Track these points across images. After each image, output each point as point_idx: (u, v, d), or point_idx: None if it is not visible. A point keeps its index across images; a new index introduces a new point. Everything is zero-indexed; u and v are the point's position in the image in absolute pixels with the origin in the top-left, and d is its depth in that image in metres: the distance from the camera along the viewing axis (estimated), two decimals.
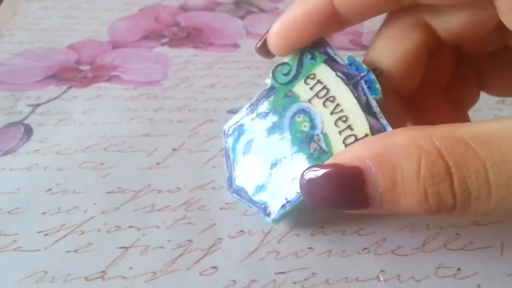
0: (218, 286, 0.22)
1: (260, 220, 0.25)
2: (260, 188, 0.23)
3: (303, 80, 0.22)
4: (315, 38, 0.22)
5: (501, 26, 0.20)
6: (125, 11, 0.45)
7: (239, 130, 0.24)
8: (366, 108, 0.21)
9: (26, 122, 0.31)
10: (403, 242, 0.24)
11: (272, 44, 0.22)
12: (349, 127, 0.21)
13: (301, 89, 0.22)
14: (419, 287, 0.22)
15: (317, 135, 0.21)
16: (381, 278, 0.22)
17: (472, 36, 0.21)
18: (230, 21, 0.44)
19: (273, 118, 0.23)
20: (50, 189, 0.26)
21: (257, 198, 0.23)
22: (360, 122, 0.21)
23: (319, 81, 0.22)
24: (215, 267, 0.23)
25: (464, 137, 0.16)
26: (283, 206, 0.22)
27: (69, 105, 0.33)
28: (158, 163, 0.28)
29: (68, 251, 0.23)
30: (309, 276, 0.22)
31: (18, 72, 0.36)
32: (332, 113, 0.21)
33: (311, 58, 0.22)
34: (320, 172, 0.18)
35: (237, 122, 0.24)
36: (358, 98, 0.21)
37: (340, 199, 0.18)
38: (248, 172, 0.23)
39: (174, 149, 0.29)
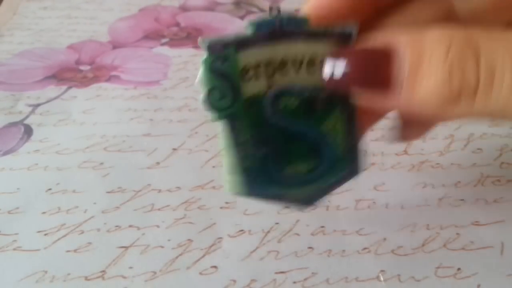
0: (218, 286, 0.22)
1: (260, 219, 0.25)
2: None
3: (242, 82, 0.18)
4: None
5: None
6: (125, 11, 0.45)
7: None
8: (311, 38, 0.19)
9: (26, 122, 0.31)
10: (403, 242, 0.24)
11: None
12: (321, 63, 0.19)
13: (252, 88, 0.19)
14: (419, 287, 0.22)
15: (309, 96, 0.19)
16: (381, 278, 0.22)
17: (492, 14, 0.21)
18: (230, 21, 0.44)
19: (261, 131, 0.19)
20: (50, 189, 0.26)
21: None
22: (321, 50, 0.19)
23: (255, 67, 0.19)
24: (215, 267, 0.23)
25: (496, 34, 0.17)
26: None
27: (69, 105, 0.33)
28: (158, 163, 0.28)
29: (68, 251, 0.23)
30: (309, 276, 0.22)
31: (18, 72, 0.36)
32: (298, 73, 0.19)
33: (224, 61, 0.18)
34: (349, 48, 0.18)
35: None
36: (294, 42, 0.19)
37: (364, 72, 0.18)
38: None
39: (174, 149, 0.29)
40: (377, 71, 0.17)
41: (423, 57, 0.17)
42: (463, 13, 0.21)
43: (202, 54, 0.18)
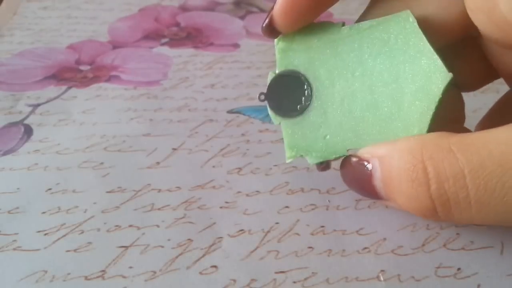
0: (218, 285, 0.22)
1: (260, 219, 0.25)
2: None
3: None
4: (321, 10, 0.22)
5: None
6: (125, 11, 0.45)
7: None
8: None
9: (26, 122, 0.31)
10: (403, 242, 0.24)
11: (278, 20, 0.21)
12: None
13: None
14: (419, 287, 0.22)
15: None
16: (381, 278, 0.22)
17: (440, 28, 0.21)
18: (230, 21, 0.44)
19: None
20: (50, 189, 0.26)
21: None
22: None
23: None
24: (215, 266, 0.23)
25: (449, 145, 0.17)
26: None
27: (69, 105, 0.33)
28: (158, 163, 0.28)
29: (68, 251, 0.23)
30: (309, 276, 0.22)
31: (18, 72, 0.36)
32: None
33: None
34: (346, 163, 0.21)
35: None
36: None
37: (360, 188, 0.21)
38: None
39: (174, 149, 0.29)
40: (364, 184, 0.20)
41: (390, 177, 0.19)
42: None
43: None
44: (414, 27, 0.20)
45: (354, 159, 0.21)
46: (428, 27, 0.21)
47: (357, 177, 0.21)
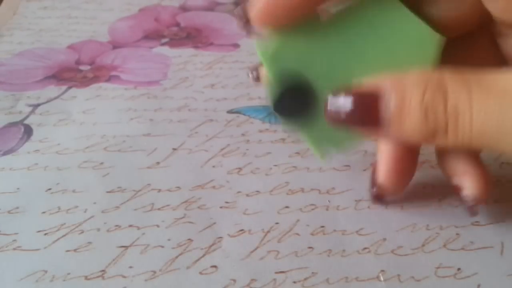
0: (218, 285, 0.22)
1: (260, 219, 0.25)
2: None
3: None
4: (302, 10, 0.21)
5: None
6: (125, 11, 0.45)
7: None
8: None
9: (26, 122, 0.31)
10: (403, 242, 0.24)
11: (257, 20, 0.21)
12: None
13: None
14: (419, 287, 0.22)
15: None
16: (381, 278, 0.22)
17: (455, 23, 0.22)
18: (230, 21, 0.44)
19: None
20: (50, 189, 0.26)
21: None
22: None
23: None
24: (215, 266, 0.23)
25: (466, 76, 0.19)
26: None
27: (69, 105, 0.33)
28: (158, 163, 0.28)
29: (68, 250, 0.23)
30: (309, 276, 0.22)
31: (18, 72, 0.36)
32: None
33: None
34: (347, 91, 0.21)
35: None
36: None
37: (357, 113, 0.21)
38: None
39: (174, 149, 0.29)
40: (369, 112, 0.20)
41: (404, 101, 0.20)
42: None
43: None
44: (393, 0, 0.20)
45: (362, 90, 0.20)
46: (443, 23, 0.21)
47: (359, 102, 0.20)
